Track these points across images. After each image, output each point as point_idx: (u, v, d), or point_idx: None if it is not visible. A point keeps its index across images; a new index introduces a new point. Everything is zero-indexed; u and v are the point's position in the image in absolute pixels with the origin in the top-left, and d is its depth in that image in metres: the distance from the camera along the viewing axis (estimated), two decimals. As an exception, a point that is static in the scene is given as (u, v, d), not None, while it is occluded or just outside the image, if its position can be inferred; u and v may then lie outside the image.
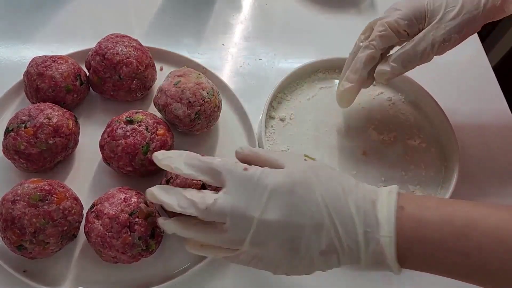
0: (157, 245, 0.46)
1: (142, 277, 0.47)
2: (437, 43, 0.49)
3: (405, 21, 0.50)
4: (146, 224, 0.44)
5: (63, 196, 0.44)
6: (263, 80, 0.66)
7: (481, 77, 0.70)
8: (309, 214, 0.36)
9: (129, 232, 0.43)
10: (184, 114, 0.52)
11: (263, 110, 0.58)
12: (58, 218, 0.43)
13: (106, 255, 0.44)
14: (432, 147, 0.60)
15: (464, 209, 0.35)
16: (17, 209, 0.42)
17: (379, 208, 0.36)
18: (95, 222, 0.43)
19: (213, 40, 0.70)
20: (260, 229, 0.36)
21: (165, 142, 0.50)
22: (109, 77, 0.54)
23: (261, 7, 0.77)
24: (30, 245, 0.43)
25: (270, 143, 0.58)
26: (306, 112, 0.61)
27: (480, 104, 0.67)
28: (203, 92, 0.52)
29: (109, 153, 0.49)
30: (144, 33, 0.70)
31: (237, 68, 0.67)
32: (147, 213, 0.44)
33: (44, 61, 0.53)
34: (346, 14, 0.77)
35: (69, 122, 0.50)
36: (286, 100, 0.62)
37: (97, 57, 0.54)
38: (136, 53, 0.55)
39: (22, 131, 0.48)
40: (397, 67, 0.51)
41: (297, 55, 0.70)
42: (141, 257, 0.45)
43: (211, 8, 0.75)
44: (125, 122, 0.49)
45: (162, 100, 0.53)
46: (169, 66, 0.63)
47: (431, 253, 0.35)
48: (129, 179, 0.52)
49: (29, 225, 0.42)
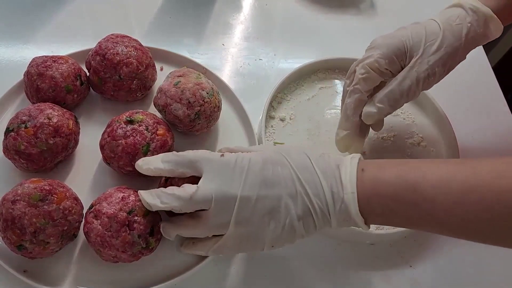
0: (156, 242, 0.46)
1: (142, 277, 0.47)
2: (422, 79, 0.48)
3: (385, 60, 0.49)
4: (145, 222, 0.44)
5: (63, 196, 0.44)
6: (263, 80, 0.66)
7: (481, 77, 0.70)
8: (283, 185, 0.39)
9: (129, 230, 0.43)
10: (184, 114, 0.52)
11: (263, 110, 0.58)
12: (58, 218, 0.43)
13: (106, 254, 0.44)
14: (432, 147, 0.60)
15: (417, 165, 0.39)
16: (17, 209, 0.42)
17: (343, 172, 0.40)
18: (94, 222, 0.43)
19: (213, 40, 0.70)
20: (243, 206, 0.39)
21: (165, 142, 0.50)
22: (109, 77, 0.54)
23: (261, 7, 0.77)
24: (30, 245, 0.43)
25: (270, 143, 0.58)
26: (306, 112, 0.61)
27: (480, 104, 0.67)
28: (203, 92, 0.52)
29: (109, 153, 0.49)
30: (144, 33, 0.70)
31: (237, 68, 0.67)
32: (145, 211, 0.44)
33: (44, 61, 0.53)
34: (346, 14, 0.77)
35: (69, 122, 0.50)
36: (286, 100, 0.62)
37: (97, 57, 0.54)
38: (136, 53, 0.55)
39: (22, 131, 0.48)
40: (384, 107, 0.49)
41: (297, 55, 0.70)
42: (141, 255, 0.45)
43: (211, 8, 0.75)
44: (125, 122, 0.49)
45: (162, 101, 0.53)
46: (169, 66, 0.63)
47: (388, 207, 0.38)
48: (129, 179, 0.52)
49: (29, 225, 0.42)
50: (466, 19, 0.49)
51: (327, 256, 0.51)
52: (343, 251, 0.52)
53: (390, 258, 0.52)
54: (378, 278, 0.50)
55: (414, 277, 0.51)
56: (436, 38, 0.48)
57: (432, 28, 0.49)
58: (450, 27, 0.49)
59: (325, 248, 0.52)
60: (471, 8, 0.49)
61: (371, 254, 0.52)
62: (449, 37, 0.48)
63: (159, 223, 0.46)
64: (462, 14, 0.49)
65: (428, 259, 0.52)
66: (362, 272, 0.51)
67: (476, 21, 0.49)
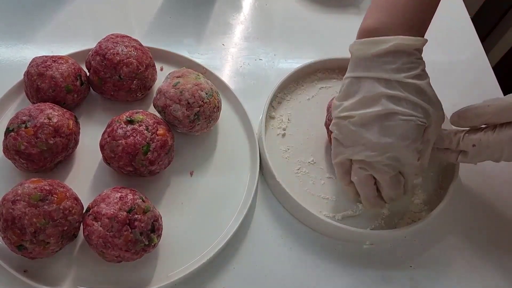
0: (158, 238, 0.46)
1: (142, 277, 0.47)
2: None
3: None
4: (146, 219, 0.44)
5: (63, 196, 0.44)
6: (263, 80, 0.66)
7: (481, 77, 0.70)
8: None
9: (130, 229, 0.43)
10: (183, 115, 0.52)
11: (263, 110, 0.58)
12: (59, 218, 0.43)
13: (109, 255, 0.44)
14: (432, 147, 0.60)
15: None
16: (18, 209, 0.42)
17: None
18: (94, 225, 0.43)
19: (213, 40, 0.70)
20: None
21: (165, 142, 0.50)
22: (109, 77, 0.54)
23: (261, 7, 0.77)
24: (30, 245, 0.43)
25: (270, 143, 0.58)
26: (306, 112, 0.61)
27: (480, 104, 0.67)
28: (202, 93, 0.52)
29: (109, 153, 0.49)
30: (144, 33, 0.70)
31: (237, 68, 0.67)
32: (145, 208, 0.45)
33: (44, 61, 0.53)
34: (346, 14, 0.77)
35: (69, 122, 0.51)
36: (286, 100, 0.62)
37: (97, 57, 0.54)
38: (136, 53, 0.55)
39: (22, 131, 0.48)
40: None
41: (297, 55, 0.70)
42: (144, 253, 0.45)
43: (211, 8, 0.75)
44: (125, 122, 0.49)
45: (161, 102, 0.53)
46: (169, 66, 0.63)
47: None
48: (129, 179, 0.52)
49: (30, 225, 0.42)
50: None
51: (327, 256, 0.51)
52: (343, 251, 0.52)
53: (390, 258, 0.52)
54: (378, 278, 0.50)
55: (414, 277, 0.51)
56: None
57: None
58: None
59: (325, 248, 0.52)
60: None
61: (371, 254, 0.52)
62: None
63: (159, 219, 0.46)
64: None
65: (428, 259, 0.52)
66: (362, 272, 0.51)
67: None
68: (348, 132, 0.47)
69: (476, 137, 0.46)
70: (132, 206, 0.44)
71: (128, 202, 0.44)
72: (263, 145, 0.55)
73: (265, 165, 0.55)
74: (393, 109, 0.44)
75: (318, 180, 0.56)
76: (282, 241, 0.52)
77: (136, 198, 0.45)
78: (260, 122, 0.58)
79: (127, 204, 0.44)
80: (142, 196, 0.46)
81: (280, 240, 0.52)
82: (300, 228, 0.53)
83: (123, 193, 0.45)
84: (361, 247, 0.52)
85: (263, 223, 0.53)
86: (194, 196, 0.53)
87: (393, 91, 0.44)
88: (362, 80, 0.46)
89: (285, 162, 0.57)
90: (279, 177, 0.53)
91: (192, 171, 0.55)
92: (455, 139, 0.48)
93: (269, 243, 0.52)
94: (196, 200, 0.53)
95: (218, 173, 0.55)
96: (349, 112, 0.46)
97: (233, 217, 0.52)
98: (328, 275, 0.50)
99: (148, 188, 0.52)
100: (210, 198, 0.53)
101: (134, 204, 0.44)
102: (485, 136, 0.45)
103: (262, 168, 0.55)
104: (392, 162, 0.46)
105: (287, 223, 0.53)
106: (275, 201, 0.55)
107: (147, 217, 0.44)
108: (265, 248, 0.51)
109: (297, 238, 0.52)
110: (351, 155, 0.47)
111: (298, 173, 0.56)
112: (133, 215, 0.44)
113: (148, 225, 0.44)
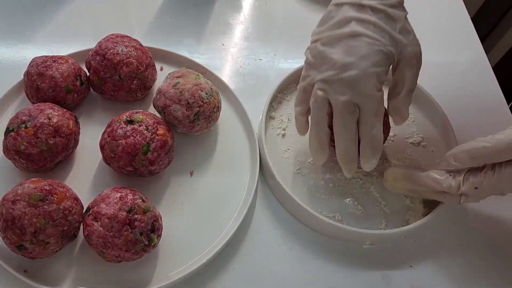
0: (158, 238, 0.46)
1: (142, 277, 0.47)
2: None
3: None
4: (146, 219, 0.44)
5: (63, 196, 0.44)
6: (263, 80, 0.66)
7: (481, 77, 0.70)
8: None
9: (130, 229, 0.43)
10: (183, 115, 0.52)
11: (263, 110, 0.58)
12: (59, 218, 0.43)
13: (109, 255, 0.44)
14: (432, 147, 0.60)
15: None
16: (18, 209, 0.42)
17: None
18: (94, 225, 0.43)
19: (213, 40, 0.70)
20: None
21: (166, 142, 0.50)
22: (109, 77, 0.54)
23: (261, 7, 0.77)
24: (30, 245, 0.43)
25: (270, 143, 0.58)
26: (306, 112, 0.61)
27: (480, 104, 0.67)
28: (202, 93, 0.52)
29: (109, 153, 0.49)
30: (144, 33, 0.70)
31: (237, 68, 0.67)
32: (144, 208, 0.45)
33: (44, 61, 0.53)
34: (346, 14, 0.77)
35: (69, 122, 0.51)
36: (286, 100, 0.62)
37: (97, 57, 0.54)
38: (136, 53, 0.55)
39: (22, 131, 0.48)
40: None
41: (297, 55, 0.70)
42: (144, 253, 0.45)
43: (211, 8, 0.75)
44: (125, 122, 0.49)
45: (161, 102, 0.53)
46: (169, 66, 0.63)
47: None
48: (129, 179, 0.52)
49: (30, 225, 0.42)
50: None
51: (327, 256, 0.51)
52: (343, 251, 0.52)
53: (390, 258, 0.52)
54: (378, 278, 0.50)
55: (414, 277, 0.51)
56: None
57: None
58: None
59: (325, 248, 0.52)
60: None
61: (371, 254, 0.52)
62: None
63: (159, 219, 0.46)
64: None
65: (428, 259, 0.52)
66: (362, 272, 0.51)
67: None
68: (316, 53, 0.48)
69: (477, 180, 0.44)
70: (132, 206, 0.44)
71: (128, 202, 0.44)
72: (263, 145, 0.55)
73: (265, 165, 0.55)
74: (360, 31, 0.45)
75: (318, 180, 0.56)
76: (282, 241, 0.52)
77: (136, 198, 0.45)
78: (260, 122, 0.58)
79: (127, 204, 0.44)
80: (142, 196, 0.46)
81: (280, 240, 0.52)
82: (300, 228, 0.53)
83: (123, 193, 0.45)
84: (361, 247, 0.52)
85: (263, 223, 0.53)
86: (194, 196, 0.53)
87: (363, 14, 0.45)
88: (340, 6, 0.47)
89: (285, 162, 0.57)
90: (279, 177, 0.53)
91: (192, 171, 0.55)
92: (455, 183, 0.46)
93: (269, 243, 0.52)
94: (196, 200, 0.53)
95: (218, 173, 0.55)
96: (319, 35, 0.48)
97: (233, 217, 0.52)
98: (328, 275, 0.50)
99: (148, 188, 0.52)
100: (210, 198, 0.53)
101: (134, 204, 0.44)
102: (486, 178, 0.44)
103: (262, 168, 0.56)
104: (350, 84, 0.45)
105: (287, 223, 0.53)
106: (275, 201, 0.55)
107: (147, 217, 0.44)
108: (265, 248, 0.51)
109: (297, 238, 0.52)
110: (316, 75, 0.47)
111: (298, 173, 0.56)
112: (133, 215, 0.44)
113: (148, 225, 0.44)
